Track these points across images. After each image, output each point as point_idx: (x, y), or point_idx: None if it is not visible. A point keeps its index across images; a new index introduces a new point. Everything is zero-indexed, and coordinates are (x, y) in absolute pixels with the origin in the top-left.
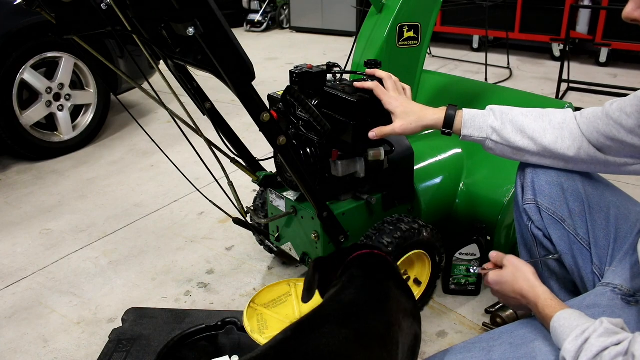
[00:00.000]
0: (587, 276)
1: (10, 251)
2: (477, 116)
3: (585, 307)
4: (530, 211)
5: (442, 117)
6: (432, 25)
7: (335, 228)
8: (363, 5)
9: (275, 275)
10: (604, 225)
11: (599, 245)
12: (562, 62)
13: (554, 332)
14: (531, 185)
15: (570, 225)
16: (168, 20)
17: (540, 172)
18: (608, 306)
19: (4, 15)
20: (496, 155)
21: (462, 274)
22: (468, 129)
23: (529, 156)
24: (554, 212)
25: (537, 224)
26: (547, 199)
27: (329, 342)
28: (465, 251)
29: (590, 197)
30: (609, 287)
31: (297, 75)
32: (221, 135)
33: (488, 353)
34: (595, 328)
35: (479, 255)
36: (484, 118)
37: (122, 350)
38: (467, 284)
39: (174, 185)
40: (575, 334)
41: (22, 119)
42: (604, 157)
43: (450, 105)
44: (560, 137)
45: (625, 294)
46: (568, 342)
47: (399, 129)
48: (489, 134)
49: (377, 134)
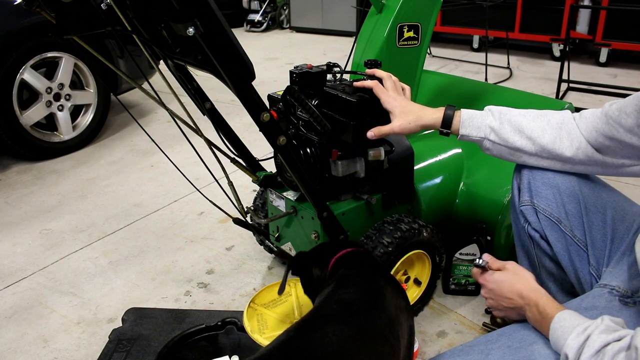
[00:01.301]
0: (585, 277)
1: (10, 251)
2: (475, 116)
3: (583, 309)
4: (527, 212)
5: (440, 117)
6: (432, 25)
7: (335, 228)
8: (363, 5)
9: (275, 275)
10: (600, 226)
11: (595, 246)
12: (562, 62)
13: (554, 332)
14: (527, 187)
15: (566, 227)
16: (168, 20)
17: (537, 174)
18: (606, 307)
19: (4, 15)
20: (493, 157)
21: (462, 274)
22: (466, 128)
23: (526, 157)
24: (550, 213)
25: (533, 225)
26: (543, 200)
27: (332, 340)
28: (465, 251)
29: (586, 198)
30: (607, 288)
31: (297, 75)
32: (221, 135)
33: (486, 356)
34: (597, 325)
35: (479, 255)
36: (482, 118)
37: (122, 350)
38: (467, 284)
39: (174, 185)
40: (577, 331)
41: (22, 119)
42: (601, 157)
43: (448, 106)
44: (559, 137)
45: (622, 295)
46: (571, 338)
47: (398, 129)
48: (487, 133)
49: (375, 134)
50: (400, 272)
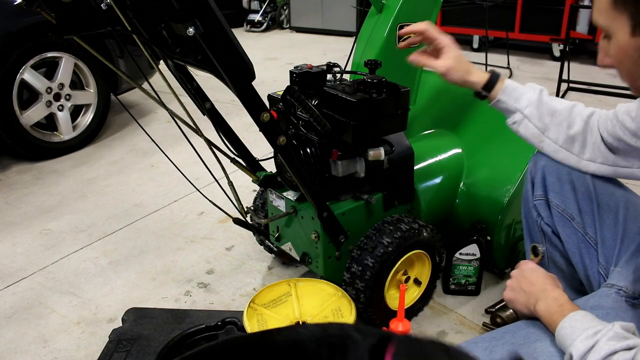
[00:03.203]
0: (593, 276)
1: (10, 251)
2: (518, 88)
3: (589, 307)
4: (540, 207)
5: (485, 79)
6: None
7: (335, 228)
8: (363, 5)
9: (275, 275)
10: (612, 225)
11: (606, 245)
12: (562, 62)
13: (563, 330)
14: (542, 181)
15: (579, 224)
16: (168, 20)
17: (552, 169)
18: (612, 308)
19: (4, 15)
20: (517, 135)
21: (462, 274)
22: (506, 95)
23: (547, 143)
24: (563, 209)
25: (546, 220)
26: (557, 195)
27: None
28: (465, 251)
29: (599, 196)
30: (614, 288)
31: (297, 75)
32: (221, 135)
33: (490, 353)
34: (607, 331)
35: (479, 255)
36: (523, 91)
37: (122, 350)
38: (467, 284)
39: (174, 185)
40: (587, 334)
41: (22, 119)
42: (614, 157)
43: (494, 72)
44: (584, 131)
45: (629, 296)
46: (579, 340)
47: (443, 68)
48: (523, 107)
49: (416, 60)
50: (400, 272)
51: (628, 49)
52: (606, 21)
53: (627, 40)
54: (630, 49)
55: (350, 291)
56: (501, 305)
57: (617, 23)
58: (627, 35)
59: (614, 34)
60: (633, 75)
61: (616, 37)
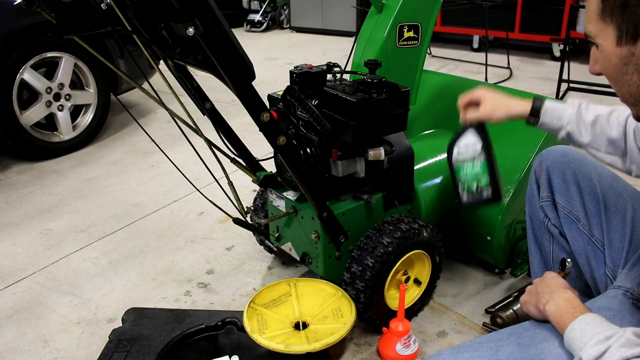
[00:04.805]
0: (600, 277)
1: (10, 251)
2: (558, 108)
3: (596, 309)
4: (547, 209)
5: (529, 107)
6: (432, 25)
7: (335, 228)
8: (363, 5)
9: (275, 275)
10: (619, 226)
11: (613, 247)
12: (562, 62)
13: (573, 332)
14: (547, 183)
15: (585, 225)
16: (168, 20)
17: (557, 170)
18: (619, 310)
19: (4, 15)
20: None
21: (468, 176)
22: (547, 117)
23: (594, 153)
24: (569, 210)
25: (553, 221)
26: (563, 197)
27: None
28: (464, 142)
29: (607, 197)
30: (620, 290)
31: (297, 75)
32: (221, 135)
33: (495, 353)
34: (619, 337)
35: (482, 142)
36: (563, 108)
37: (122, 350)
38: (480, 190)
39: (174, 185)
40: (598, 338)
41: (22, 119)
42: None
43: (536, 98)
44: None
45: (636, 298)
46: (590, 344)
47: (485, 115)
48: (565, 124)
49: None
50: (400, 272)
51: (613, 58)
52: (594, 30)
53: (612, 49)
54: (615, 57)
55: (350, 291)
56: (501, 305)
57: (604, 33)
58: (612, 45)
59: (600, 43)
60: (618, 83)
61: (603, 46)
